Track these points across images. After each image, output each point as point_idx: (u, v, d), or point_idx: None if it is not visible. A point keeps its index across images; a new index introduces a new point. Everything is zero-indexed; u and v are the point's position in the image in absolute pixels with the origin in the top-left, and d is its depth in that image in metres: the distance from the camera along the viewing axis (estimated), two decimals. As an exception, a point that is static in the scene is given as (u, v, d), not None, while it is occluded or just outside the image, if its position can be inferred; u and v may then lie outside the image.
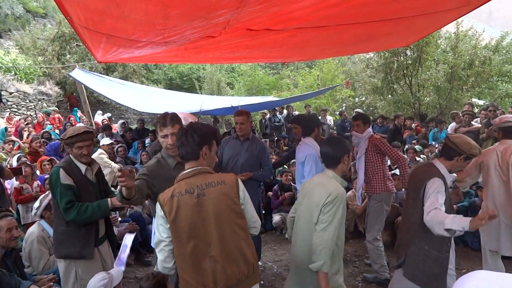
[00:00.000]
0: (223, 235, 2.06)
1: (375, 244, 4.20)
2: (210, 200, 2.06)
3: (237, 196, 2.13)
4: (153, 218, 3.37)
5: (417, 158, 7.47)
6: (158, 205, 2.09)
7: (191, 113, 11.99)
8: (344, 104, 17.11)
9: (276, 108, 11.50)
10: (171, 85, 24.58)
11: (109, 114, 16.17)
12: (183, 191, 2.06)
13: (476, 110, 10.53)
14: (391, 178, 4.33)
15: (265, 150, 4.14)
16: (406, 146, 8.79)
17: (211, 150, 2.21)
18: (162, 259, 2.08)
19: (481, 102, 12.96)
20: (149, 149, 7.01)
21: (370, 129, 4.31)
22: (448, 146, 2.81)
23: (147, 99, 8.58)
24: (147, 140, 8.89)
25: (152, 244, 2.49)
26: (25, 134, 9.18)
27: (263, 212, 5.86)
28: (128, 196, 2.35)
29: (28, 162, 5.08)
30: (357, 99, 18.17)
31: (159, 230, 2.08)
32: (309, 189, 2.50)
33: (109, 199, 2.92)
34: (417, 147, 7.92)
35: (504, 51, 12.78)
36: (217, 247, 2.04)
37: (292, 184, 6.44)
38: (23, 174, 4.83)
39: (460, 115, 8.13)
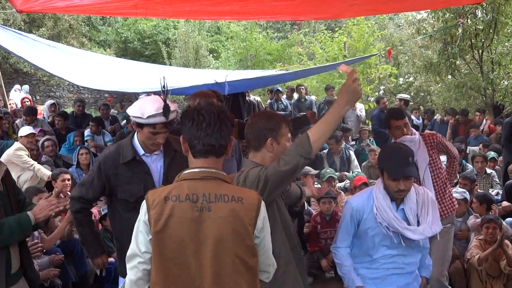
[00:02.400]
0: (221, 272, 2.08)
1: (442, 281, 4.44)
2: (215, 220, 2.08)
3: (253, 224, 2.14)
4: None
5: (488, 171, 7.49)
6: (143, 205, 2.13)
7: (154, 92, 11.97)
8: (382, 87, 17.16)
9: (280, 89, 11.50)
10: (125, 50, 24.53)
11: (27, 87, 15.81)
12: (183, 195, 2.09)
13: None
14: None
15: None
16: (470, 152, 8.82)
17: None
18: (133, 280, 2.13)
19: None
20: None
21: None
22: None
23: (90, 69, 8.54)
24: (87, 132, 8.84)
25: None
26: None
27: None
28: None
29: None
30: (401, 79, 18.23)
31: (137, 239, 2.13)
32: None
33: (30, 213, 2.88)
34: (491, 153, 7.91)
35: None
36: (208, 286, 2.06)
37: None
38: None
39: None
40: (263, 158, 2.70)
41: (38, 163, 6.88)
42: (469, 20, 12.27)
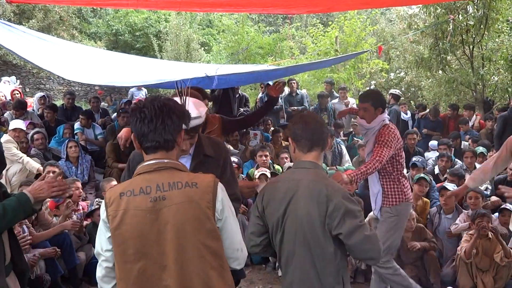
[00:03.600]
0: (184, 259, 2.11)
1: (389, 267, 4.39)
2: (171, 207, 2.12)
3: (212, 207, 2.18)
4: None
5: (478, 166, 7.51)
6: (102, 204, 2.18)
7: (144, 85, 11.88)
8: (373, 82, 17.18)
9: (270, 83, 11.46)
10: (116, 42, 24.40)
11: (14, 78, 15.56)
12: (136, 189, 2.13)
13: None
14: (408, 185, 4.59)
15: None
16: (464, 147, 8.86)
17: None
18: (100, 277, 2.22)
19: None
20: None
21: (385, 115, 4.46)
22: None
23: (79, 62, 8.48)
24: (77, 125, 8.80)
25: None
26: None
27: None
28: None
29: None
30: (392, 74, 18.27)
31: (100, 238, 2.19)
32: None
33: (26, 191, 2.84)
34: (480, 149, 7.95)
35: None
36: (173, 275, 2.09)
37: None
38: None
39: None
40: (322, 158, 2.84)
41: (27, 156, 6.85)
42: (460, 15, 12.31)
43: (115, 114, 10.20)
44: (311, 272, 2.61)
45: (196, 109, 2.84)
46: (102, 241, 2.17)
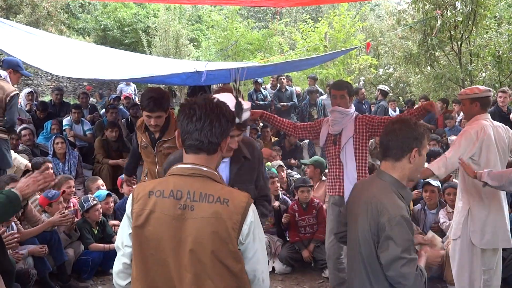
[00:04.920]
0: (200, 274, 2.01)
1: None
2: (197, 220, 2.01)
3: (237, 229, 2.03)
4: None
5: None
6: (129, 198, 2.13)
7: (133, 80, 11.80)
8: (362, 78, 17.23)
9: (259, 80, 11.46)
10: (105, 37, 24.25)
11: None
12: (167, 191, 2.04)
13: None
14: None
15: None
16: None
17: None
18: (116, 272, 2.19)
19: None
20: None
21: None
22: None
23: (68, 57, 8.40)
24: (66, 120, 8.74)
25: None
26: None
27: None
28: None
29: None
30: (381, 70, 18.32)
31: (122, 233, 2.16)
32: None
33: (15, 190, 2.85)
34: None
35: None
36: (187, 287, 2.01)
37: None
38: None
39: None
40: (402, 170, 2.61)
41: (15, 152, 6.79)
42: (448, 12, 12.38)
43: (104, 110, 10.16)
44: (367, 286, 2.55)
45: (244, 101, 2.76)
46: (124, 236, 2.13)
